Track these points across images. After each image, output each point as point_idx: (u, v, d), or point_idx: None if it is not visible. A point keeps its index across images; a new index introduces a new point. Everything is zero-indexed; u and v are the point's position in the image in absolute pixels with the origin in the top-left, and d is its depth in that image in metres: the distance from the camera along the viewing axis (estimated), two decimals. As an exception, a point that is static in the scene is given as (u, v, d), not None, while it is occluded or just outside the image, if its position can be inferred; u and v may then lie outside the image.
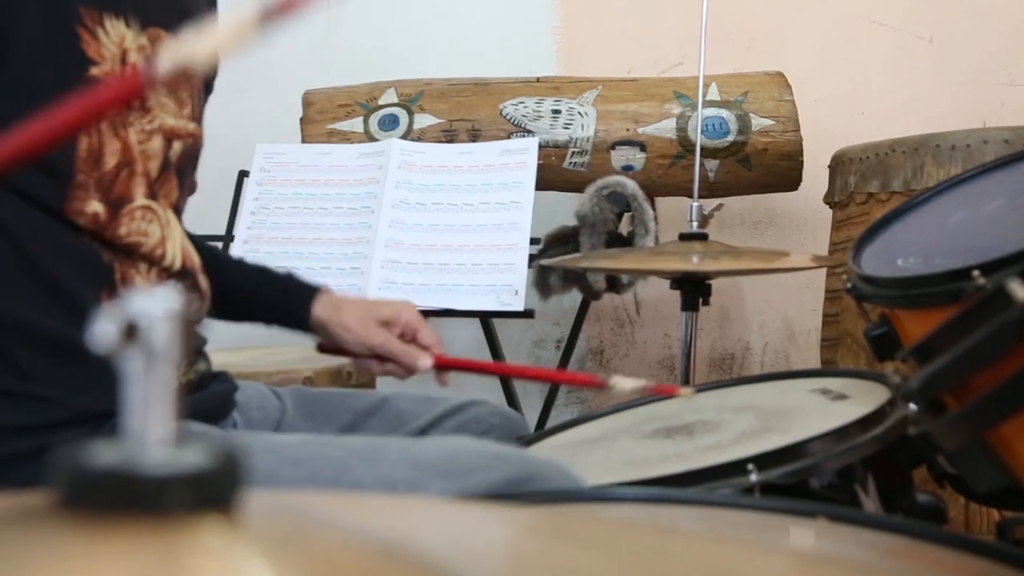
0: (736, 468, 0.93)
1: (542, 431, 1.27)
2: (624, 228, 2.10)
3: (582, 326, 2.43)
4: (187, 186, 1.14)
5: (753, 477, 0.92)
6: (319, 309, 1.24)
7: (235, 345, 1.95)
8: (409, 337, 1.24)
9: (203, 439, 0.23)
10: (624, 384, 1.07)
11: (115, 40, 0.97)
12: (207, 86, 1.20)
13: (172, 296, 0.27)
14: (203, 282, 1.09)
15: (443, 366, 1.25)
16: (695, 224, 1.58)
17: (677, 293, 1.73)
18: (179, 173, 1.08)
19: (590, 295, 2.11)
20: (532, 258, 1.91)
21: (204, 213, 1.95)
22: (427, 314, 1.91)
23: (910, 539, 0.72)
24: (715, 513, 0.75)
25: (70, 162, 0.92)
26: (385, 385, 1.75)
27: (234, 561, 0.23)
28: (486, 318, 2.19)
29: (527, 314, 1.78)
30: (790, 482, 0.94)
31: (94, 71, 0.94)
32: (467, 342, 2.66)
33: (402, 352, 1.22)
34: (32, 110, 0.77)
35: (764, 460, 0.93)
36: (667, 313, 2.84)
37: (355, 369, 1.28)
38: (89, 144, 0.94)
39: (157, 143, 1.01)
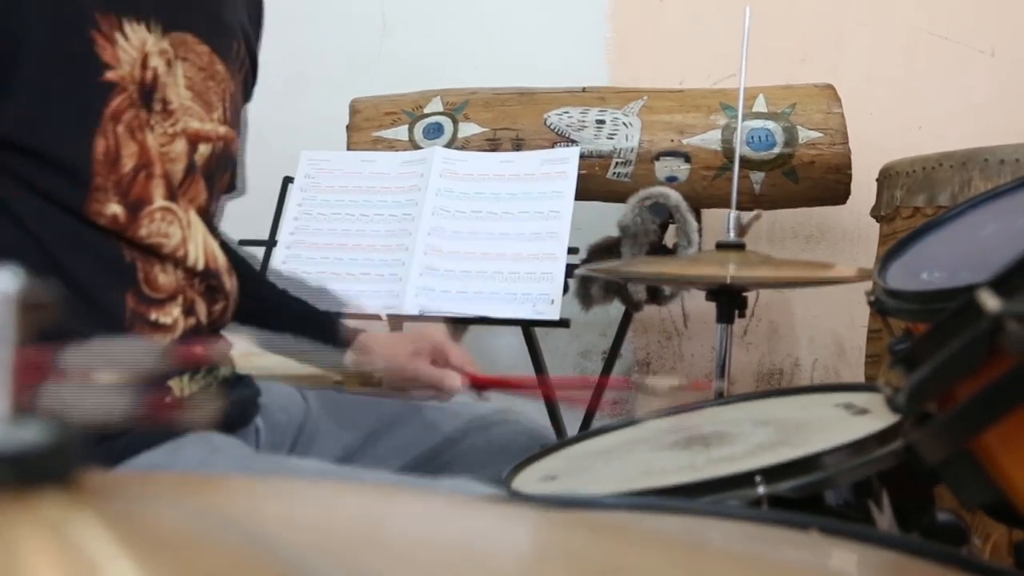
0: (744, 480, 0.92)
1: (562, 440, 1.27)
2: (669, 240, 2.08)
3: (625, 337, 2.42)
4: (218, 188, 1.16)
5: (761, 489, 0.91)
6: (351, 355, 1.30)
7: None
8: (442, 361, 1.27)
9: (37, 420, 0.24)
10: (657, 384, 1.08)
11: (135, 45, 0.99)
12: (246, 91, 1.21)
13: (8, 280, 0.28)
14: (228, 283, 1.11)
15: (477, 385, 1.28)
16: (732, 234, 1.57)
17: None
18: (207, 176, 1.10)
19: (631, 306, 2.10)
20: (570, 268, 1.90)
21: (249, 218, 1.99)
22: (464, 322, 1.92)
23: (902, 555, 0.70)
24: (702, 522, 0.74)
25: (87, 165, 0.94)
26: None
27: (72, 534, 0.23)
28: (527, 328, 2.19)
29: (563, 323, 1.78)
30: (799, 496, 0.92)
31: (109, 75, 0.96)
32: (510, 351, 2.66)
33: (434, 376, 1.25)
34: (44, 114, 0.79)
35: (772, 473, 0.92)
36: (715, 326, 2.81)
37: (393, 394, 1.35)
38: (106, 147, 0.96)
39: (180, 146, 1.03)
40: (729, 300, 1.52)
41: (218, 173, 1.13)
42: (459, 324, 2.10)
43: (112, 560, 0.22)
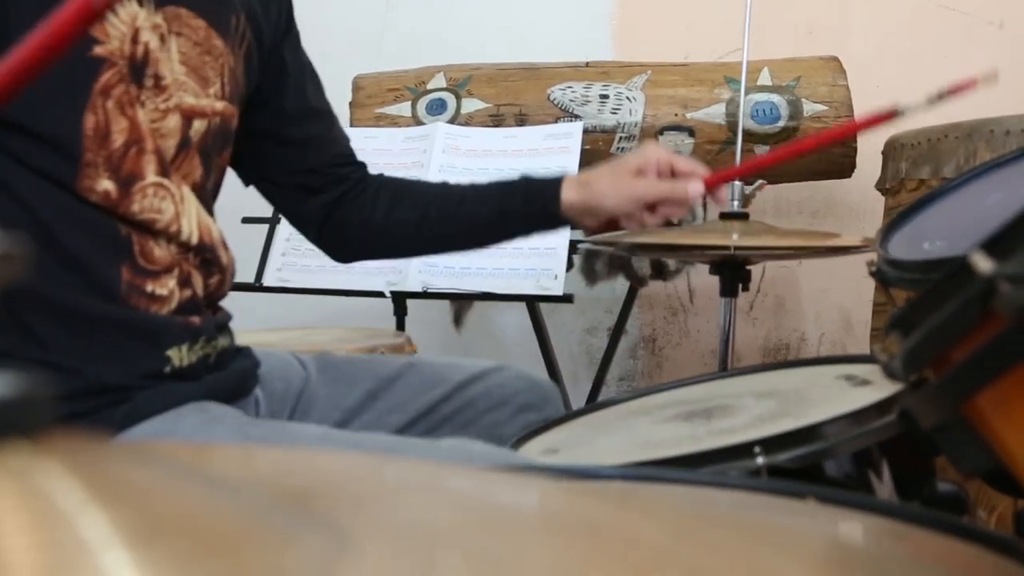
0: (743, 451, 0.92)
1: (564, 414, 1.26)
2: (674, 214, 2.08)
3: (630, 313, 2.42)
4: (217, 164, 1.15)
5: (760, 460, 0.91)
6: (567, 194, 1.21)
7: (277, 326, 1.98)
8: (667, 173, 1.21)
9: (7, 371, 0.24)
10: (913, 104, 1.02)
11: (125, 19, 0.98)
12: (248, 65, 1.18)
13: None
14: (224, 257, 1.11)
15: (712, 185, 1.22)
16: (736, 204, 1.56)
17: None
18: (203, 152, 1.09)
19: (635, 281, 2.10)
20: (574, 244, 1.90)
21: (251, 194, 1.98)
22: (468, 297, 1.92)
23: (898, 521, 0.70)
24: (701, 492, 0.74)
25: (77, 140, 0.94)
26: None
27: (38, 482, 0.23)
28: (532, 304, 2.19)
29: (566, 298, 1.78)
30: (798, 466, 0.92)
31: (98, 50, 0.95)
32: (516, 328, 2.66)
33: (669, 190, 1.19)
34: (32, 89, 0.78)
35: (771, 443, 0.91)
36: (721, 302, 2.81)
37: (629, 226, 1.26)
38: (96, 122, 0.95)
39: (173, 122, 1.03)
40: (732, 273, 1.51)
41: (215, 149, 1.12)
42: (464, 301, 2.10)
43: (80, 506, 0.22)
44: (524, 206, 1.23)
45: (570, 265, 1.99)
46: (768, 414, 1.08)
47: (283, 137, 1.24)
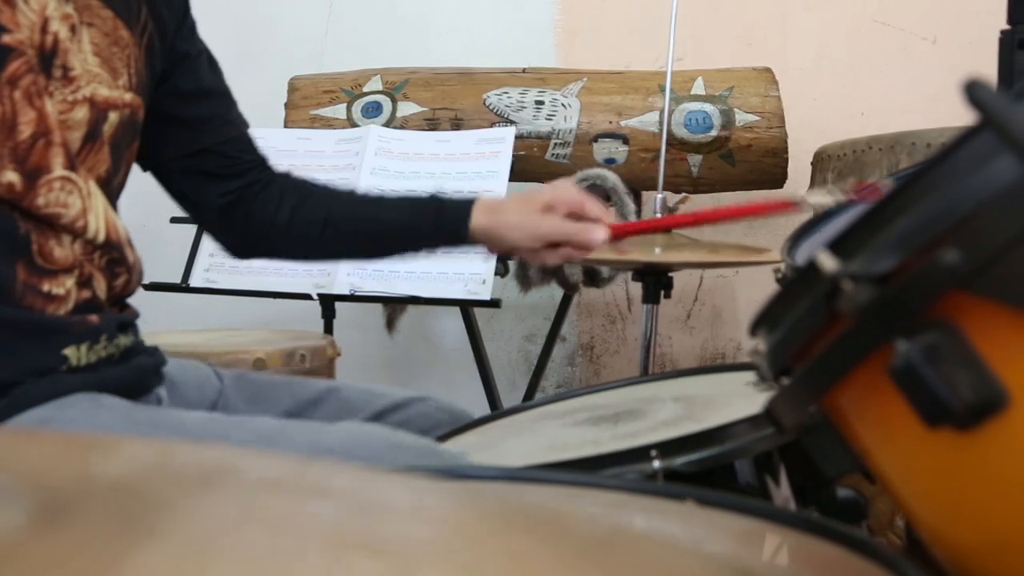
0: (639, 454, 0.92)
1: (478, 418, 1.26)
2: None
3: (564, 320, 2.42)
4: (126, 158, 1.14)
5: (656, 464, 0.91)
6: (477, 219, 1.20)
7: (209, 326, 1.96)
8: (576, 215, 1.20)
9: None
10: (817, 199, 1.05)
11: (35, 8, 0.96)
12: (151, 56, 1.17)
13: None
14: (131, 256, 1.09)
15: (618, 234, 1.23)
16: (659, 216, 1.57)
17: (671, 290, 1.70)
18: (114, 145, 1.07)
19: (568, 288, 2.10)
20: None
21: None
22: (395, 301, 1.91)
23: (773, 524, 0.70)
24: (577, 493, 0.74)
25: None
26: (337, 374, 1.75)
27: None
28: (466, 309, 2.18)
29: (494, 303, 1.77)
30: (694, 470, 0.93)
31: (6, 39, 0.94)
32: (453, 333, 2.65)
33: (573, 233, 1.18)
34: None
35: (667, 447, 0.92)
36: (660, 311, 2.82)
37: (530, 261, 1.23)
38: (2, 113, 0.93)
39: (81, 113, 1.01)
40: (655, 281, 1.52)
41: (125, 142, 1.11)
42: (397, 304, 2.10)
43: None
44: (434, 221, 1.22)
45: (506, 271, 1.99)
46: (673, 418, 1.09)
47: (178, 117, 1.20)
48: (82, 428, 0.91)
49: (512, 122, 2.09)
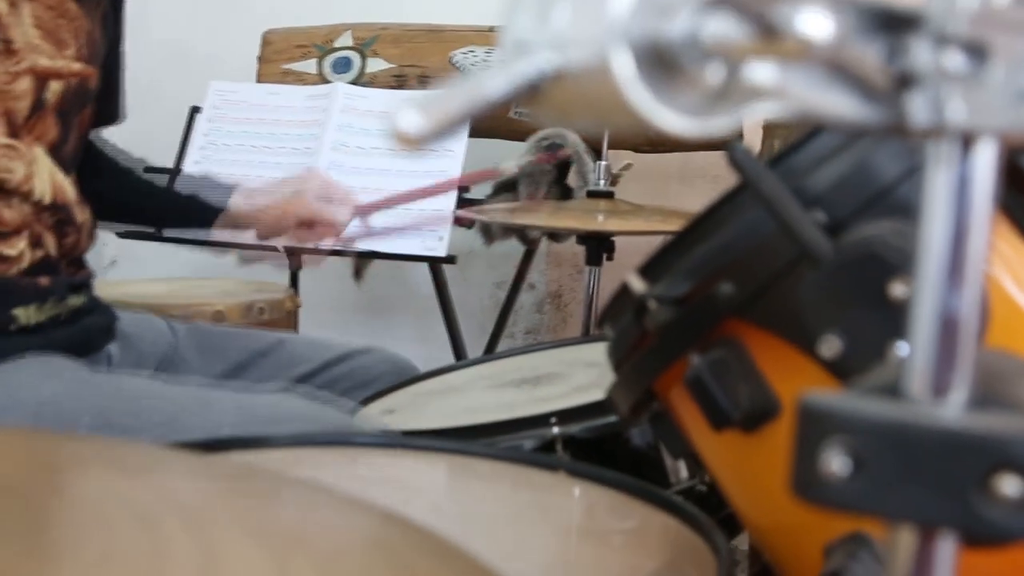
0: (540, 421, 1.00)
1: (416, 376, 1.34)
2: (573, 180, 2.15)
3: (536, 268, 2.50)
4: (77, 124, 1.21)
5: (555, 430, 0.99)
6: (235, 200, 1.38)
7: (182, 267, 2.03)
8: (323, 198, 1.40)
9: None
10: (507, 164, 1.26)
11: None
12: (105, 25, 1.23)
13: None
14: (79, 215, 1.16)
15: (363, 211, 1.49)
16: (603, 182, 1.63)
17: (639, 239, 1.76)
18: (61, 113, 1.14)
19: (526, 243, 2.18)
20: (468, 204, 1.96)
21: (155, 146, 2.02)
22: (358, 254, 1.98)
23: (631, 497, 0.79)
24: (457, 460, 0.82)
25: None
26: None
27: None
28: (434, 264, 2.26)
29: (449, 260, 1.85)
30: (591, 436, 1.00)
31: None
32: (423, 279, 2.73)
33: (318, 212, 1.38)
34: None
35: (566, 415, 1.00)
36: (625, 261, 2.89)
37: (292, 240, 1.43)
38: None
39: (24, 84, 1.08)
40: (597, 244, 1.59)
41: (75, 109, 1.17)
42: (362, 258, 2.17)
43: None
44: (199, 197, 1.39)
45: (472, 223, 2.06)
46: (587, 384, 1.17)
47: None
48: (26, 393, 0.99)
49: (477, 80, 2.14)
